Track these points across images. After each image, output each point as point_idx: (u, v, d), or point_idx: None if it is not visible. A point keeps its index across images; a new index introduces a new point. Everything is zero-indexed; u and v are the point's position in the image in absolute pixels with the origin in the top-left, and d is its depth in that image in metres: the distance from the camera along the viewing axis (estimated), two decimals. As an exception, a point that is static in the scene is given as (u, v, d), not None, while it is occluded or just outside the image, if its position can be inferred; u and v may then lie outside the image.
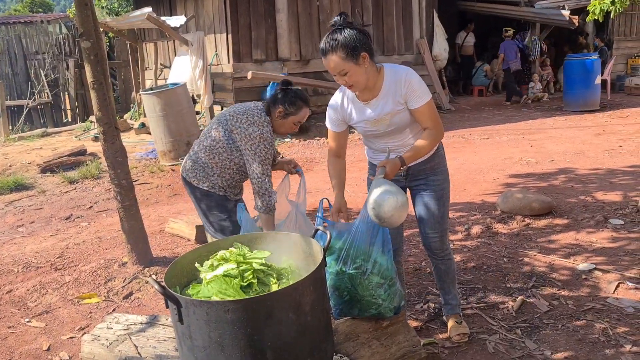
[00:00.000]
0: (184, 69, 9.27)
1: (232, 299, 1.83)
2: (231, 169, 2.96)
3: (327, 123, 2.66)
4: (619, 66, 13.86)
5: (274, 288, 1.91)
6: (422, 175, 2.65)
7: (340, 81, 2.36)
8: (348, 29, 2.27)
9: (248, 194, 3.03)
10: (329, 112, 2.64)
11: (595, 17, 5.19)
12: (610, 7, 5.04)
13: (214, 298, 1.84)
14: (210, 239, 3.18)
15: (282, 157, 3.43)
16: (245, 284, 1.92)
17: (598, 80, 10.52)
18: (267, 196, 2.87)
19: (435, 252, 2.78)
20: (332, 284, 2.30)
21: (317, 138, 9.06)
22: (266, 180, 2.86)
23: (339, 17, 2.33)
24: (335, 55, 2.27)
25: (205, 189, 2.98)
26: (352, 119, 2.57)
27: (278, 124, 2.96)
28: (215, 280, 1.91)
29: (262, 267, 1.98)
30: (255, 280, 1.93)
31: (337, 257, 2.27)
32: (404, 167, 2.41)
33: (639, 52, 14.23)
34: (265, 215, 2.89)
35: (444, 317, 2.94)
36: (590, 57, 10.60)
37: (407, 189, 2.75)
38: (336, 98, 2.60)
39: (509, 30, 12.75)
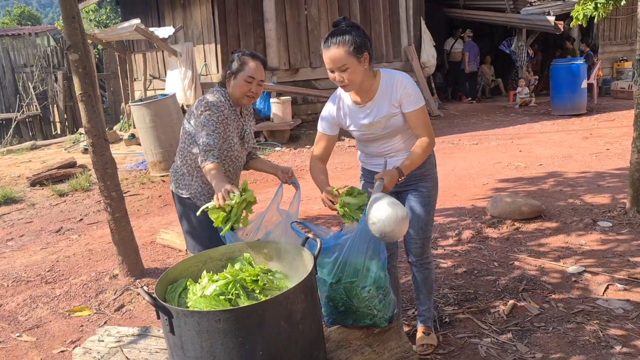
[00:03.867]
0: (177, 82, 9.27)
1: (222, 308, 1.83)
2: None
3: (320, 125, 2.63)
4: (605, 70, 14.02)
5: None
6: (412, 181, 2.66)
7: (337, 78, 2.35)
8: (354, 28, 2.34)
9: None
10: (323, 115, 2.62)
11: (579, 23, 5.25)
12: (594, 13, 5.10)
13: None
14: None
15: (273, 163, 3.34)
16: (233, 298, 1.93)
17: (584, 85, 10.65)
18: (205, 150, 2.53)
19: (415, 258, 2.78)
20: (326, 294, 2.29)
21: (308, 147, 9.08)
22: (211, 142, 2.54)
23: (342, 19, 2.39)
24: (341, 48, 2.29)
25: (185, 197, 2.83)
26: (347, 123, 2.58)
27: (232, 88, 2.69)
28: (206, 297, 1.92)
29: (253, 285, 1.99)
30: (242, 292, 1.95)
31: (332, 268, 2.26)
32: (402, 177, 2.40)
33: (624, 56, 14.42)
34: (205, 168, 2.54)
35: (417, 326, 2.91)
36: (576, 62, 10.74)
37: (396, 194, 2.76)
38: (332, 101, 2.61)
39: (471, 32, 13.38)
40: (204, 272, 2.10)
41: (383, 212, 2.15)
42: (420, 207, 2.66)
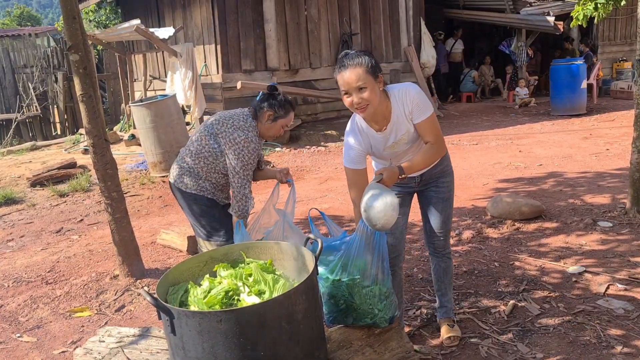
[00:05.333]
0: (177, 82, 9.26)
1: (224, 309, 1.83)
2: (217, 172, 3.03)
3: (348, 163, 2.52)
4: (605, 70, 14.02)
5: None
6: (432, 179, 2.73)
7: (355, 100, 2.29)
8: (368, 54, 2.36)
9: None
10: (349, 150, 2.51)
11: (579, 23, 5.25)
12: (594, 13, 5.11)
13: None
14: (201, 243, 3.19)
15: (273, 166, 3.46)
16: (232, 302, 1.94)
17: (584, 85, 10.65)
18: (244, 201, 2.95)
19: (438, 251, 2.87)
20: (328, 292, 2.30)
21: (307, 147, 9.08)
22: (246, 185, 2.94)
23: (345, 43, 2.45)
24: (359, 68, 2.27)
25: (193, 192, 3.05)
26: (372, 151, 2.57)
27: (266, 127, 3.02)
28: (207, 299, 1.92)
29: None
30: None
31: (335, 266, 2.28)
32: (403, 176, 2.42)
33: (624, 56, 14.42)
34: (242, 216, 2.98)
35: (438, 321, 2.97)
36: (576, 62, 10.74)
37: (416, 193, 2.81)
38: (353, 135, 2.51)
39: (442, 34, 13.51)
40: (207, 275, 2.10)
41: (373, 200, 2.21)
42: (442, 202, 2.75)
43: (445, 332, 2.86)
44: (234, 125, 2.95)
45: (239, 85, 8.80)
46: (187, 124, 9.42)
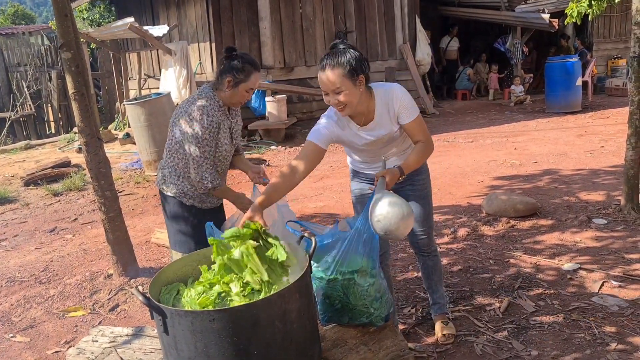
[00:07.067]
0: (172, 80, 9.22)
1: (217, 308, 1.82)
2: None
3: (312, 134, 2.44)
4: (600, 68, 14.05)
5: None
6: (407, 176, 2.68)
7: (332, 101, 2.30)
8: (351, 50, 2.29)
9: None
10: (321, 124, 2.46)
11: (574, 20, 5.27)
12: (588, 10, 5.12)
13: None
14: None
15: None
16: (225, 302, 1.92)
17: (579, 82, 10.67)
18: (201, 182, 2.64)
19: (423, 249, 2.86)
20: (323, 292, 2.29)
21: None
22: (203, 164, 2.62)
23: (339, 39, 2.38)
24: (335, 71, 2.24)
25: (172, 195, 2.81)
26: (345, 141, 2.52)
27: (229, 95, 2.66)
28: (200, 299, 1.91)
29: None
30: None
31: (329, 265, 2.26)
32: (403, 176, 2.43)
33: (619, 53, 14.45)
34: (215, 192, 2.70)
35: (433, 318, 2.98)
36: (571, 60, 10.75)
37: (395, 192, 2.77)
38: (331, 118, 2.47)
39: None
40: (200, 278, 2.08)
41: (388, 209, 2.16)
42: (420, 199, 2.74)
43: (439, 329, 2.86)
44: (189, 101, 2.67)
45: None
46: (182, 122, 9.37)
